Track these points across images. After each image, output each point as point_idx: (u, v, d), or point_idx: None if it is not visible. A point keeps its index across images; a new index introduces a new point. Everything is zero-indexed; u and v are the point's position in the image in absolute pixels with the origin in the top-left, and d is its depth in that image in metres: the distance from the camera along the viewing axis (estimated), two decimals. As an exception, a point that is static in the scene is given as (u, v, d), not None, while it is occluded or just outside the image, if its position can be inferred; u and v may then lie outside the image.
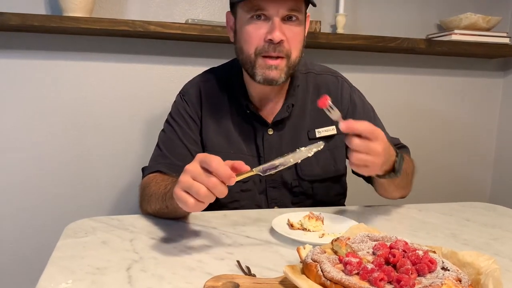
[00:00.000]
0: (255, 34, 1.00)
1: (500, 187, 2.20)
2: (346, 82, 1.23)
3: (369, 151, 0.83)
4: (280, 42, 0.99)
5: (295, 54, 1.02)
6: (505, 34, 1.90)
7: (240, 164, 0.75)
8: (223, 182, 0.71)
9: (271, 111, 1.15)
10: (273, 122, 1.13)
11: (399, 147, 1.20)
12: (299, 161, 0.80)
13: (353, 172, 1.08)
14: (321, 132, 1.15)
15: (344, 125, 0.82)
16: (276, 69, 1.01)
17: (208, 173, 0.71)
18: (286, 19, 0.99)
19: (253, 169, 0.77)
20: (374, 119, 1.22)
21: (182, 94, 1.20)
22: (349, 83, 1.24)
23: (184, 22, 1.62)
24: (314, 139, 1.14)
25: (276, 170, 0.80)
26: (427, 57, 2.04)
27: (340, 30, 1.79)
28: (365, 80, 1.25)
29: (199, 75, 1.24)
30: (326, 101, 0.85)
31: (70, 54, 1.66)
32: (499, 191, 2.20)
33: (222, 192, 0.71)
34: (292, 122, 1.15)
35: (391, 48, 1.85)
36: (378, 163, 0.86)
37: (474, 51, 1.90)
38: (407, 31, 1.93)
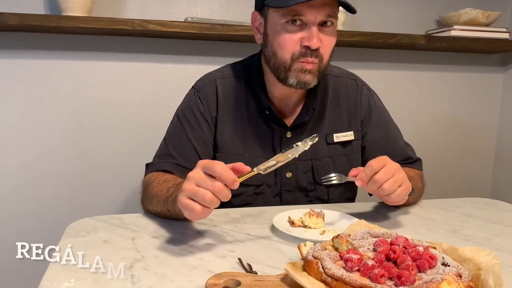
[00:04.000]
0: (291, 39, 0.98)
1: (501, 182, 2.20)
2: (365, 86, 1.21)
3: (390, 173, 0.86)
4: (317, 49, 0.98)
5: (326, 58, 1.02)
6: (504, 29, 1.90)
7: (241, 165, 0.76)
8: (226, 186, 0.72)
9: (290, 114, 1.13)
10: (293, 125, 1.11)
11: (411, 161, 1.19)
12: (297, 155, 0.82)
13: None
14: (339, 137, 1.14)
15: (359, 182, 0.87)
16: (310, 73, 1.00)
17: (211, 178, 0.72)
18: (321, 24, 0.98)
19: (254, 169, 0.78)
20: (387, 123, 1.20)
21: (197, 90, 1.13)
22: (368, 87, 1.22)
23: (183, 20, 1.62)
24: (332, 144, 1.13)
25: (276, 167, 0.80)
26: (427, 53, 2.04)
27: (339, 27, 1.79)
28: (364, 76, 1.24)
29: (216, 70, 1.17)
30: None
31: (70, 53, 1.66)
32: (500, 186, 2.20)
33: (226, 196, 0.73)
34: (311, 125, 1.13)
35: (390, 45, 1.85)
36: (404, 175, 0.88)
37: (474, 47, 1.90)
38: (406, 27, 1.93)
